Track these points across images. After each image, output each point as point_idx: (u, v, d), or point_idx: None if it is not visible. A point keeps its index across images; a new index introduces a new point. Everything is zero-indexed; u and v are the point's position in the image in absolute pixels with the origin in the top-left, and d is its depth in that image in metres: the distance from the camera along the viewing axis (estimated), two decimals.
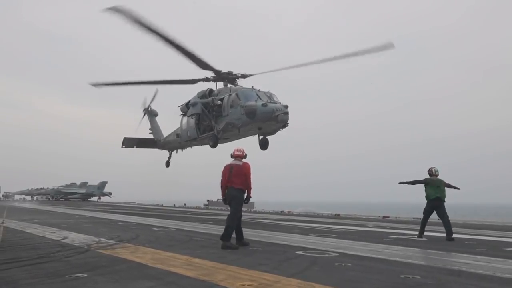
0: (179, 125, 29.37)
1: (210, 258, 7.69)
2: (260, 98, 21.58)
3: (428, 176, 12.98)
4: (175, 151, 32.28)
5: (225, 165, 10.00)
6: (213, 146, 24.56)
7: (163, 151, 33.34)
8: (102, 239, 10.97)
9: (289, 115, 21.02)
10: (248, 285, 5.38)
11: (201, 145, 28.52)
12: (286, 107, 20.98)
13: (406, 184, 13.28)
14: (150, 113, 34.89)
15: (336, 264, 7.22)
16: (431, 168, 13.03)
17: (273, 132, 22.66)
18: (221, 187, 9.87)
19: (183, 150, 31.24)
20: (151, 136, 34.28)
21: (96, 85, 26.48)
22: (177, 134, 29.05)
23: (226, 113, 22.97)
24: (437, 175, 12.92)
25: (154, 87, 30.38)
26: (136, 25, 19.65)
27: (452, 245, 10.86)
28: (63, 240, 10.79)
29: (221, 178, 9.89)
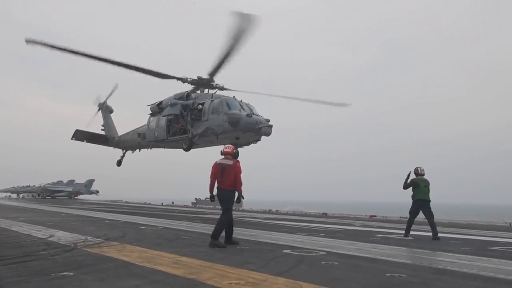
0: (141, 124, 28.72)
1: (198, 256, 7.69)
2: (243, 109, 21.72)
3: (414, 176, 13.09)
4: (130, 151, 31.48)
5: (215, 162, 9.94)
6: (187, 149, 24.20)
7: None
8: (89, 238, 10.88)
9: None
10: (235, 284, 5.39)
11: (165, 147, 27.86)
12: (268, 120, 21.25)
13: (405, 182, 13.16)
14: (105, 109, 34.16)
15: (323, 262, 7.26)
16: (417, 167, 13.13)
17: (247, 144, 22.68)
18: (210, 185, 9.84)
19: (141, 150, 30.53)
20: (104, 133, 33.64)
21: (29, 41, 21.73)
22: (139, 133, 28.32)
23: (206, 118, 22.77)
24: (423, 174, 13.03)
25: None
26: (240, 37, 19.89)
27: (437, 244, 10.99)
28: (49, 238, 10.68)
29: (210, 176, 9.80)
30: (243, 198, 9.89)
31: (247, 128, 20.98)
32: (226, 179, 9.63)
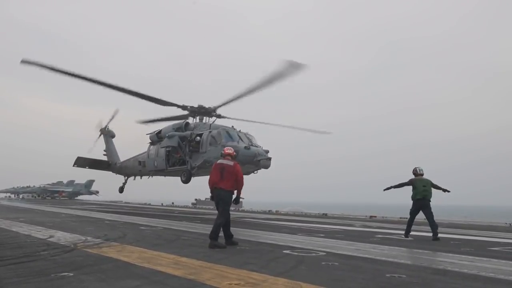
0: (141, 152, 28.71)
1: (198, 257, 7.68)
2: (242, 140, 21.59)
3: (413, 177, 13.06)
4: (132, 177, 31.36)
5: (215, 162, 10.01)
6: (186, 181, 23.86)
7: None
8: (89, 238, 10.88)
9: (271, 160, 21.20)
10: (235, 284, 5.38)
11: (165, 176, 27.70)
12: (267, 152, 21.10)
13: (392, 189, 13.22)
14: (107, 134, 34.03)
15: (323, 263, 7.26)
16: (416, 167, 13.11)
17: (246, 174, 22.61)
18: (210, 185, 9.85)
19: (142, 178, 30.34)
20: (106, 158, 33.62)
21: (25, 61, 20.73)
22: (139, 161, 28.20)
23: (204, 150, 22.68)
24: (422, 174, 13.00)
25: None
26: (278, 80, 20.42)
27: (437, 244, 10.98)
28: (49, 239, 10.68)
29: (210, 175, 9.83)
30: (242, 198, 9.89)
31: (245, 161, 20.53)
32: (226, 179, 9.62)
